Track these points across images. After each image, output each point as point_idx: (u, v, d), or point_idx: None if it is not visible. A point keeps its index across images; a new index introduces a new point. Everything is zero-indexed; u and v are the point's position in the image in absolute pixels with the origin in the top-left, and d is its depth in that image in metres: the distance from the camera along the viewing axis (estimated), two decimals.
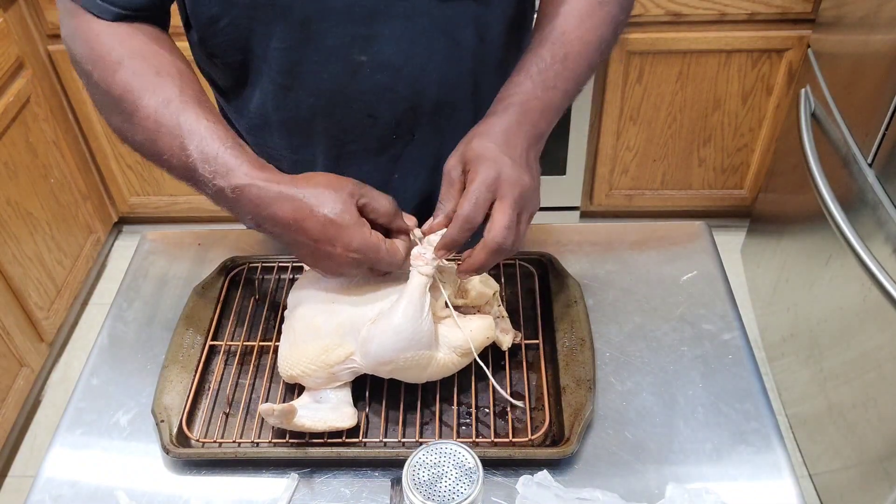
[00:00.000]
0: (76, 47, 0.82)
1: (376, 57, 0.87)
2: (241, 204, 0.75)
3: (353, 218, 0.74)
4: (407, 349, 0.77)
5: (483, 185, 0.75)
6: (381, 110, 0.92)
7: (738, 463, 0.78)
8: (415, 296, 0.77)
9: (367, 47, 0.86)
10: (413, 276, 0.78)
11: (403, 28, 0.85)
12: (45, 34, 2.02)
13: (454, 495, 0.61)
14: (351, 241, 0.74)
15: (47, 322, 2.02)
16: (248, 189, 0.74)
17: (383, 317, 0.78)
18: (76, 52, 0.82)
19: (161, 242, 1.08)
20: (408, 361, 0.78)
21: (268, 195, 0.73)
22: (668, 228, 1.06)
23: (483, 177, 0.75)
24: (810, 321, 1.74)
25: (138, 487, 0.79)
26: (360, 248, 0.74)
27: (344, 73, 0.88)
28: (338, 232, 0.73)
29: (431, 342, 0.79)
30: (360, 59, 0.87)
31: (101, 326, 0.96)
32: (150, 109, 0.76)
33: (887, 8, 1.48)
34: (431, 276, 0.79)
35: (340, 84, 0.89)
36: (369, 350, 0.78)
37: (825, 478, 1.70)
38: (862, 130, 1.52)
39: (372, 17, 0.84)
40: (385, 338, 0.77)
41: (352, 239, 0.74)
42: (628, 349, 0.89)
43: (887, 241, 1.40)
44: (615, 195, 2.31)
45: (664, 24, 1.94)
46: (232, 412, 0.84)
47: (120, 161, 2.28)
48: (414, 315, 0.77)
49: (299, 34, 0.85)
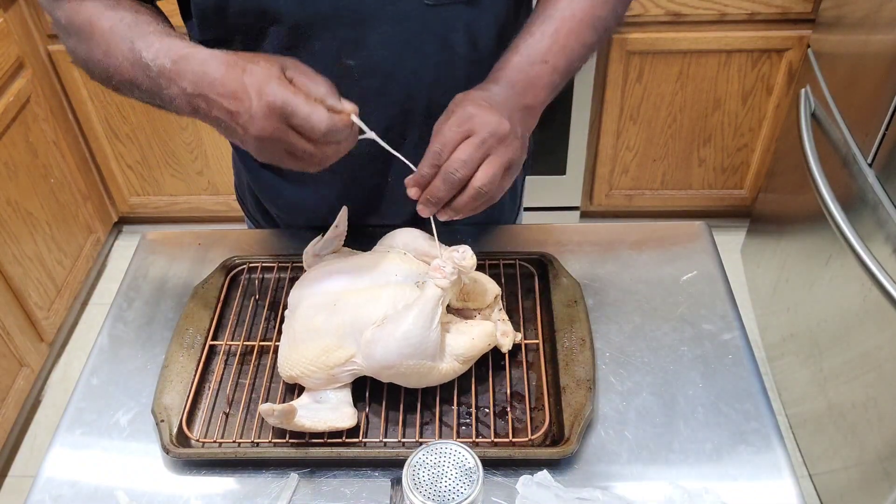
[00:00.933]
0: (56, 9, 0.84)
1: (365, 61, 0.87)
2: (179, 72, 0.74)
3: (273, 72, 0.72)
4: (411, 357, 0.77)
5: (455, 121, 0.76)
6: (372, 114, 0.92)
7: (738, 463, 0.78)
8: (428, 306, 0.77)
9: (355, 52, 0.86)
10: (428, 287, 0.78)
11: (392, 32, 0.85)
12: (46, 34, 2.02)
13: (454, 495, 0.61)
14: (262, 87, 0.71)
15: (47, 322, 2.02)
16: (189, 56, 0.73)
17: (391, 321, 0.78)
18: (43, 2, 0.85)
19: (161, 242, 1.08)
20: (410, 369, 0.78)
21: (203, 55, 0.73)
22: (668, 228, 1.06)
23: (457, 116, 0.76)
24: (810, 321, 1.74)
25: (138, 487, 0.79)
26: (270, 95, 0.70)
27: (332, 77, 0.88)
28: (254, 79, 0.71)
29: (436, 353, 0.79)
30: (348, 63, 0.87)
31: (101, 326, 0.96)
32: (105, 27, 0.79)
33: (887, 8, 1.48)
34: (447, 290, 0.78)
35: None
36: (373, 353, 0.78)
37: (825, 478, 1.70)
38: (862, 130, 1.53)
39: (360, 21, 0.84)
40: (391, 343, 0.77)
41: (263, 84, 0.71)
42: (628, 349, 0.89)
43: (887, 241, 1.40)
44: (615, 195, 2.31)
45: (664, 24, 1.95)
46: (232, 412, 0.84)
47: (120, 161, 2.28)
48: (424, 325, 0.77)
49: (289, 39, 0.85)
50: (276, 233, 1.09)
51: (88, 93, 2.12)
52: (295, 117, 0.71)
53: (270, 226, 1.12)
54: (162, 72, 0.75)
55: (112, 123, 2.19)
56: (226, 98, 0.72)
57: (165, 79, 0.75)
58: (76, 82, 2.10)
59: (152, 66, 0.75)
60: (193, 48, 0.75)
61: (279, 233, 1.08)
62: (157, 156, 2.25)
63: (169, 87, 0.75)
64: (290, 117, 0.71)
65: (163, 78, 0.75)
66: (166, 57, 0.75)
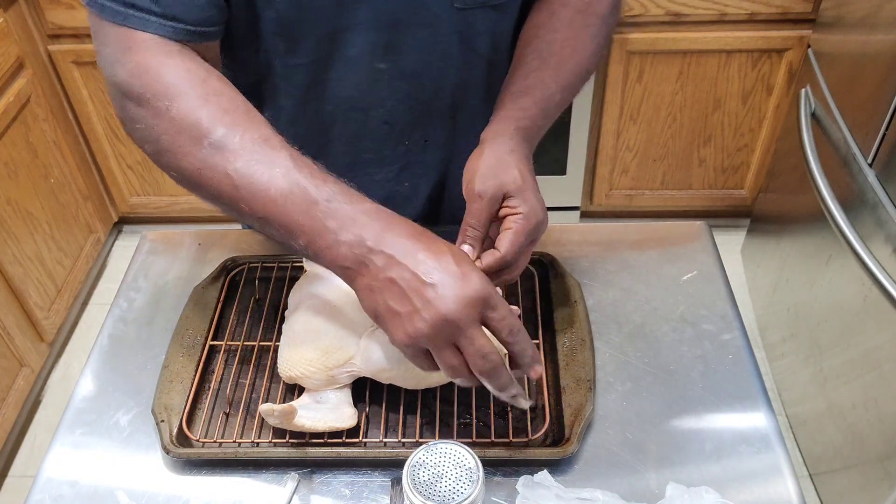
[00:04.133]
0: (138, 83, 0.72)
1: (397, 65, 0.87)
2: (362, 221, 0.67)
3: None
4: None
5: (526, 234, 0.74)
6: (399, 117, 0.92)
7: (738, 463, 0.78)
8: None
9: (388, 55, 0.86)
10: None
11: (424, 36, 0.86)
12: (46, 34, 2.02)
13: (454, 495, 0.61)
14: (471, 273, 0.65)
15: (47, 322, 2.02)
16: (376, 212, 0.68)
17: None
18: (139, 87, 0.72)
19: (161, 242, 1.08)
20: (409, 371, 0.78)
21: (397, 219, 0.68)
22: (668, 228, 1.06)
23: (525, 224, 0.74)
24: (810, 321, 1.74)
25: (138, 487, 0.79)
26: (479, 282, 0.65)
27: (365, 81, 0.88)
28: (461, 261, 0.66)
29: None
30: (381, 66, 0.87)
31: (101, 326, 0.96)
32: (246, 143, 0.69)
33: (887, 8, 1.48)
34: None
35: (361, 92, 0.89)
36: (371, 356, 0.78)
37: (825, 478, 1.70)
38: (862, 130, 1.52)
39: (395, 25, 0.84)
40: (389, 346, 0.77)
41: (472, 271, 0.65)
42: (628, 349, 0.89)
43: (887, 241, 1.40)
44: (615, 195, 2.31)
45: (664, 24, 1.94)
46: (232, 412, 0.84)
47: (120, 161, 2.28)
48: None
49: (326, 47, 0.85)
50: None
51: (88, 93, 2.12)
52: (495, 313, 0.66)
53: None
54: (335, 214, 0.67)
55: (112, 123, 2.19)
56: (420, 269, 0.64)
57: (337, 223, 0.67)
58: (76, 82, 2.10)
59: (322, 204, 0.67)
60: (378, 205, 0.69)
61: None
62: None
63: (339, 232, 0.67)
64: (489, 311, 0.66)
65: (333, 221, 0.67)
66: (347, 202, 0.68)
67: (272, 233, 0.71)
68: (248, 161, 0.68)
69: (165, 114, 0.70)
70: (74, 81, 2.09)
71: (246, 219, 0.71)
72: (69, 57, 2.03)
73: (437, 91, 0.91)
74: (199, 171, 0.70)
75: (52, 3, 1.93)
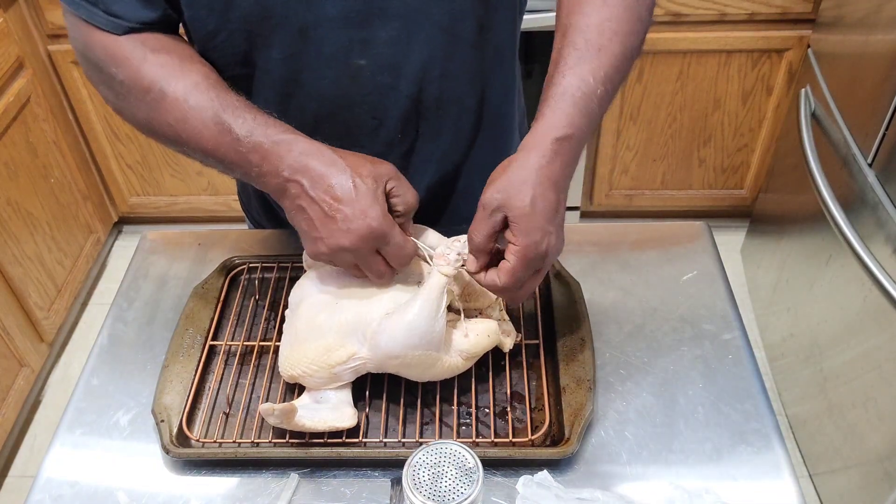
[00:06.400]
0: (93, 55, 0.83)
1: (376, 59, 0.86)
2: (278, 152, 0.76)
3: (379, 192, 0.75)
4: (417, 346, 0.77)
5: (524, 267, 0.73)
6: (386, 111, 0.91)
7: (738, 463, 0.78)
8: (433, 294, 0.77)
9: (365, 51, 0.86)
10: (433, 275, 0.78)
11: (400, 28, 0.85)
12: (46, 34, 2.02)
13: (454, 495, 0.61)
14: (368, 210, 0.73)
15: (47, 322, 2.02)
16: (291, 141, 0.76)
17: (398, 311, 0.79)
18: (95, 58, 0.83)
19: (161, 242, 1.08)
20: (416, 359, 0.78)
21: (309, 148, 0.76)
22: (668, 228, 1.06)
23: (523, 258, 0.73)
24: (810, 321, 1.74)
25: (138, 487, 0.79)
26: (375, 220, 0.74)
27: (345, 77, 0.87)
28: (361, 197, 0.73)
29: (441, 343, 0.79)
30: (360, 62, 0.87)
31: (101, 326, 0.96)
32: (178, 93, 0.78)
33: (887, 8, 1.48)
34: (451, 278, 0.79)
35: (342, 89, 0.89)
36: (379, 342, 0.78)
37: (825, 478, 1.70)
38: (862, 130, 1.53)
39: (367, 20, 0.84)
40: (397, 332, 0.77)
41: (370, 208, 0.73)
42: (628, 349, 0.89)
43: (887, 241, 1.40)
44: (615, 195, 2.31)
45: (664, 24, 1.95)
46: (232, 412, 0.84)
47: (120, 161, 2.28)
48: (430, 313, 0.77)
49: (298, 43, 0.85)
50: (277, 233, 1.09)
51: (88, 93, 2.12)
52: (388, 247, 0.76)
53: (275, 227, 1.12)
54: (256, 148, 0.76)
55: (112, 123, 2.19)
56: (326, 201, 0.75)
57: (258, 155, 0.76)
58: (76, 82, 2.10)
59: (244, 140, 0.76)
60: (293, 133, 0.77)
61: (279, 233, 1.08)
62: (156, 156, 2.25)
63: (261, 165, 0.77)
64: (383, 245, 0.76)
65: (255, 154, 0.77)
66: (263, 136, 0.76)
67: (220, 170, 0.81)
68: (183, 110, 0.78)
69: (115, 78, 0.81)
70: (74, 81, 2.09)
71: (197, 159, 0.82)
72: (69, 57, 2.03)
73: (423, 82, 0.89)
74: (149, 122, 0.81)
75: (52, 3, 1.93)
